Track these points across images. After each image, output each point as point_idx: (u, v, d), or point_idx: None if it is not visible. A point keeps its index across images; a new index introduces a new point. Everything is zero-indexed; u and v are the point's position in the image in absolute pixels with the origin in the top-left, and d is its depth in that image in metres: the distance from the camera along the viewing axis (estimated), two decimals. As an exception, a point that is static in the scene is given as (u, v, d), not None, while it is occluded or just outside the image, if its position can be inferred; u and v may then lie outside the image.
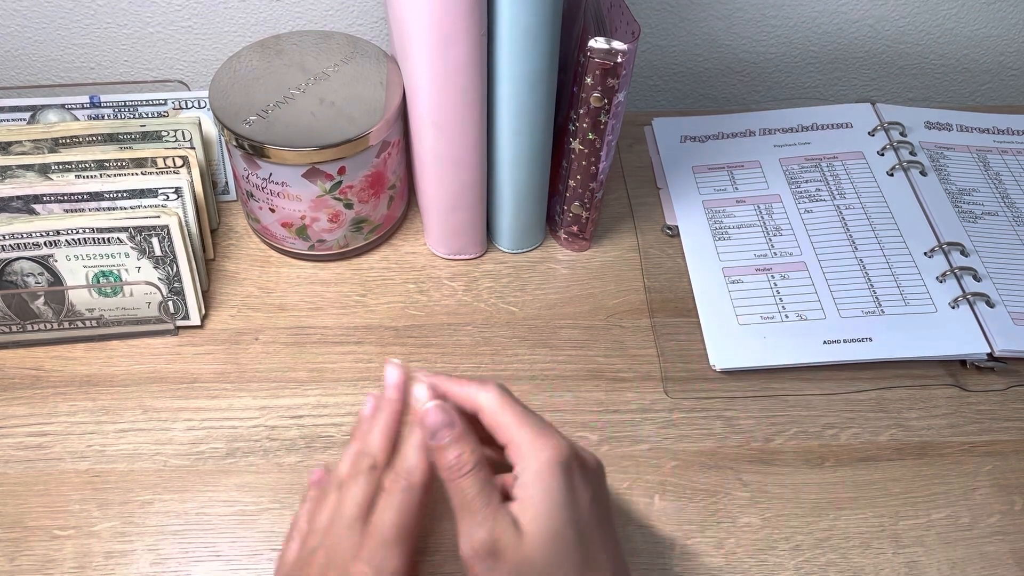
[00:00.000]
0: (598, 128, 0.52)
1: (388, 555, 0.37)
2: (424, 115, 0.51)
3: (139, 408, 0.51)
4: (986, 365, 0.55)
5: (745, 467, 0.50)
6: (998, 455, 0.51)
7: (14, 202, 0.53)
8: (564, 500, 0.36)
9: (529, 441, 0.37)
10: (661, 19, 0.72)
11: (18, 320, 0.53)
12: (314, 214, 0.55)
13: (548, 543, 0.35)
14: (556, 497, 0.36)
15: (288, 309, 0.57)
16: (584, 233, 0.60)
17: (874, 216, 0.62)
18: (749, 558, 0.47)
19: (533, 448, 0.37)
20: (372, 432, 0.41)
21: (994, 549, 0.47)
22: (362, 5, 0.68)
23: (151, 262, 0.53)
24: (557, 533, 0.35)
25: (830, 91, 0.80)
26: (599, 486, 0.39)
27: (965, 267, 0.58)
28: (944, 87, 0.80)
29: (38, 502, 0.47)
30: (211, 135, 0.59)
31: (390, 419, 0.41)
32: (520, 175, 0.55)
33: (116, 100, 0.60)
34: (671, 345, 0.56)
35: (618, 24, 0.50)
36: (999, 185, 0.65)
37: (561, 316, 0.57)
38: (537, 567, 0.35)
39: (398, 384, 0.42)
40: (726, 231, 0.62)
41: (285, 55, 0.57)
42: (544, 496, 0.36)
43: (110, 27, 0.68)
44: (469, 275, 0.59)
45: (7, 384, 0.52)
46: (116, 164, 0.55)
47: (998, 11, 0.74)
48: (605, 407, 0.53)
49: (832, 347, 0.55)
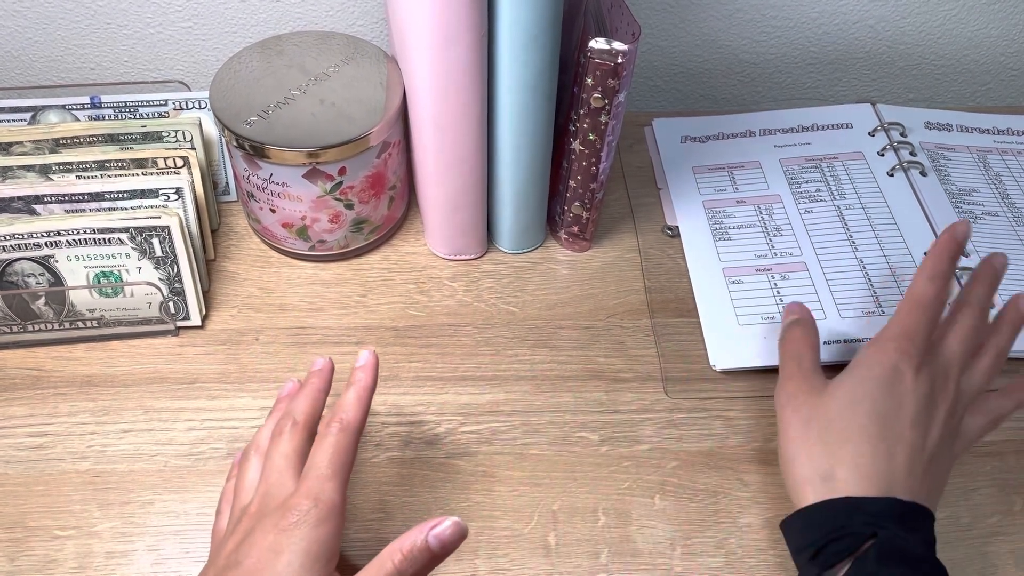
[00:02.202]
0: (598, 128, 0.52)
1: (325, 487, 0.37)
2: (424, 116, 0.51)
3: (140, 408, 0.51)
4: (986, 365, 0.55)
5: (745, 467, 0.50)
6: (998, 455, 0.51)
7: (15, 202, 0.53)
8: (877, 381, 0.43)
9: (891, 333, 0.44)
10: (661, 20, 0.72)
11: (19, 320, 0.53)
12: (314, 214, 0.55)
13: (842, 401, 0.43)
14: (871, 376, 0.43)
15: (288, 309, 0.57)
16: (584, 233, 0.60)
17: (874, 216, 0.62)
18: (750, 558, 0.47)
19: (886, 338, 0.44)
20: (296, 399, 0.43)
21: (994, 549, 0.47)
22: (362, 6, 0.68)
23: (152, 262, 0.53)
24: (856, 399, 0.43)
25: (830, 91, 0.80)
26: (938, 403, 0.43)
27: (965, 268, 0.58)
28: (944, 87, 0.80)
29: (39, 502, 0.47)
30: (212, 135, 0.60)
31: (314, 390, 0.43)
32: (520, 175, 0.55)
33: (117, 100, 0.60)
34: (671, 345, 0.56)
35: (618, 25, 0.50)
36: (999, 185, 0.65)
37: (561, 316, 0.57)
38: (822, 412, 0.43)
39: (324, 368, 0.44)
40: (726, 231, 0.62)
41: (286, 56, 0.57)
42: (861, 371, 0.44)
43: (111, 28, 0.68)
44: (469, 275, 0.59)
45: (8, 384, 0.52)
46: (117, 164, 0.55)
47: (998, 11, 0.74)
48: (605, 407, 0.53)
49: (832, 347, 0.55)
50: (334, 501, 0.37)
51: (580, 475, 0.50)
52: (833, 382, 0.45)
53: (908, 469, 0.41)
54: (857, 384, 0.43)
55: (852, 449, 0.42)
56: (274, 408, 0.46)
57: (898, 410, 0.42)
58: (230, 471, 0.45)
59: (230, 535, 0.38)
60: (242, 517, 0.39)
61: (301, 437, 0.41)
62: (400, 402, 0.52)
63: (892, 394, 0.42)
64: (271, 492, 0.39)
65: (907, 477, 0.41)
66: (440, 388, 0.53)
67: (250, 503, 0.39)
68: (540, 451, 0.51)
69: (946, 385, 0.44)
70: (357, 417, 0.40)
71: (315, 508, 0.36)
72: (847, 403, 0.43)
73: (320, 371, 0.44)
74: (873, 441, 0.42)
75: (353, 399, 0.41)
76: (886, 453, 0.41)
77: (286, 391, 0.46)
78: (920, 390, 0.43)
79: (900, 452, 0.41)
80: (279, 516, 0.36)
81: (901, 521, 0.39)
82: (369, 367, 0.42)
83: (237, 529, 0.38)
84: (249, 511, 0.39)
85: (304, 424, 0.41)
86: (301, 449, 0.40)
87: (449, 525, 0.35)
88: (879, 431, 0.42)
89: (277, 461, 0.40)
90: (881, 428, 0.42)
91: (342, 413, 0.40)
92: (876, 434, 0.42)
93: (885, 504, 0.40)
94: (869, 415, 0.42)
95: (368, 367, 0.42)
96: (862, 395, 0.43)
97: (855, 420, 0.42)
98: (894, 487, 0.41)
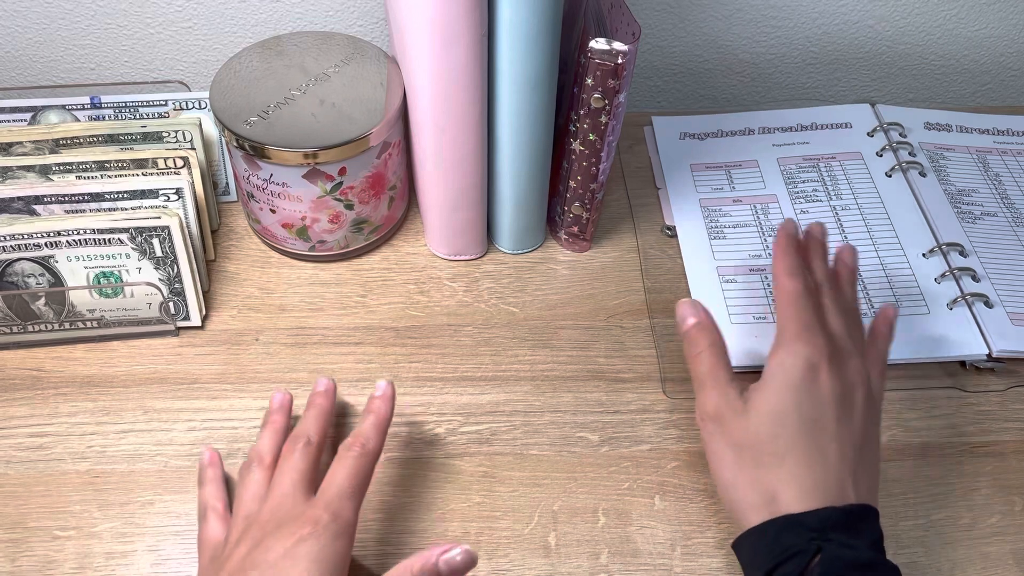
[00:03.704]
0: (599, 129, 0.52)
1: (344, 505, 0.39)
2: (425, 116, 0.51)
3: (140, 409, 0.51)
4: (985, 366, 0.55)
5: (745, 467, 0.50)
6: (998, 456, 0.51)
7: (15, 203, 0.53)
8: (796, 387, 0.42)
9: (792, 333, 0.43)
10: (661, 20, 0.72)
11: (19, 321, 0.53)
12: (315, 215, 0.55)
13: (767, 419, 0.41)
14: (789, 383, 0.42)
15: (288, 310, 0.57)
16: (584, 234, 0.60)
17: (870, 217, 0.62)
18: (749, 558, 0.47)
19: (789, 339, 0.43)
20: (307, 420, 0.45)
21: (994, 550, 0.47)
22: (363, 6, 0.68)
23: (152, 263, 0.53)
24: (780, 413, 0.41)
25: (830, 91, 0.80)
26: (854, 387, 0.43)
27: (964, 268, 0.58)
28: (944, 87, 0.80)
29: (39, 503, 0.47)
30: (212, 136, 0.60)
31: (323, 412, 0.46)
32: (521, 176, 0.55)
33: (117, 101, 0.60)
34: (671, 346, 0.56)
35: (618, 25, 0.50)
36: (998, 186, 0.65)
37: (561, 317, 0.57)
38: (751, 436, 0.42)
39: (328, 389, 0.48)
40: (722, 230, 0.62)
41: (286, 56, 0.57)
42: (778, 380, 0.42)
43: (111, 28, 0.68)
44: (469, 276, 0.59)
45: (8, 385, 0.52)
46: (117, 165, 0.55)
47: (998, 11, 0.74)
48: (605, 407, 0.53)
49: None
50: (350, 519, 0.39)
51: (580, 475, 0.50)
52: (754, 398, 0.43)
53: (843, 469, 0.41)
54: (778, 396, 0.42)
55: (789, 468, 0.41)
56: (268, 420, 0.47)
57: (822, 411, 0.42)
58: (201, 475, 0.47)
59: (239, 542, 0.39)
60: (250, 526, 0.40)
61: (315, 457, 0.43)
62: (400, 402, 0.52)
63: (813, 396, 0.42)
64: (284, 505, 0.40)
65: (846, 477, 0.41)
66: (440, 388, 0.53)
67: (258, 513, 0.40)
68: (540, 451, 0.51)
69: (854, 365, 0.44)
70: (377, 445, 0.43)
71: (333, 523, 0.38)
72: (774, 420, 0.42)
73: (325, 392, 0.48)
74: (807, 453, 0.41)
75: (373, 427, 0.43)
76: (821, 461, 0.41)
77: (277, 402, 0.48)
78: (835, 381, 0.42)
79: (833, 453, 0.41)
80: (297, 526, 0.38)
81: (844, 528, 0.39)
82: (387, 398, 0.45)
83: (245, 537, 0.39)
84: (259, 520, 0.39)
85: (318, 445, 0.44)
86: (314, 468, 0.43)
87: (459, 552, 0.37)
88: (809, 441, 0.41)
89: (291, 476, 0.41)
90: (810, 437, 0.41)
91: (363, 439, 0.42)
92: (807, 445, 0.41)
93: (825, 515, 0.39)
94: (797, 428, 0.41)
95: (386, 398, 0.45)
96: (786, 408, 0.42)
97: (785, 437, 0.41)
98: (833, 492, 0.40)
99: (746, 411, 0.42)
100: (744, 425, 0.42)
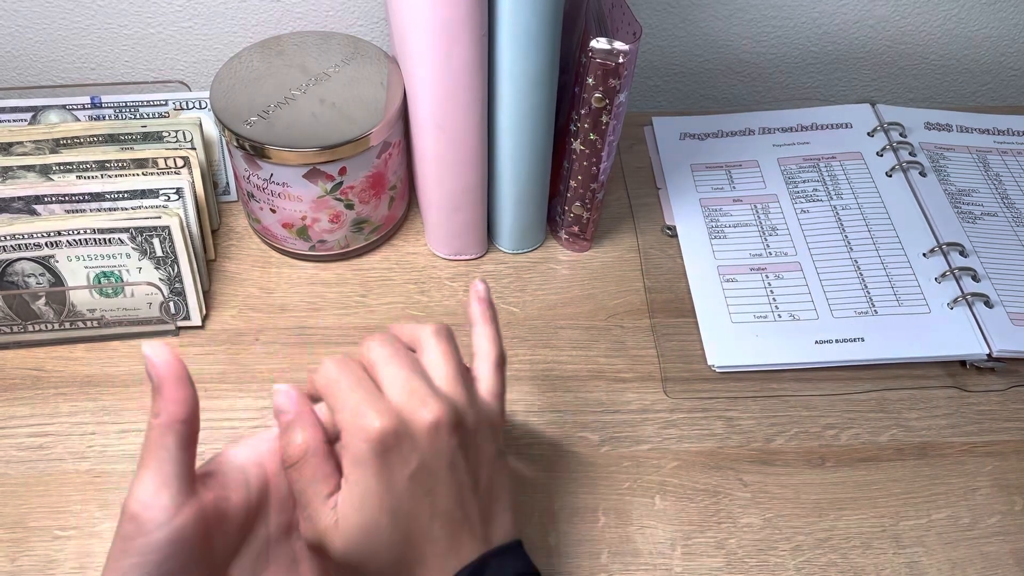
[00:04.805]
0: (599, 128, 0.52)
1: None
2: (425, 116, 0.51)
3: (140, 408, 0.51)
4: (986, 366, 0.55)
5: (746, 467, 0.50)
6: (998, 455, 0.51)
7: (15, 203, 0.53)
8: (377, 487, 0.34)
9: (349, 422, 0.35)
10: (662, 19, 0.72)
11: (19, 320, 0.53)
12: (315, 215, 0.55)
13: (363, 536, 0.34)
14: (369, 486, 0.34)
15: (289, 310, 0.57)
16: (585, 234, 0.60)
17: (871, 217, 0.62)
18: (750, 558, 0.47)
19: (351, 432, 0.35)
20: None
21: (994, 549, 0.47)
22: (363, 6, 0.68)
23: (152, 263, 0.53)
24: (371, 524, 0.34)
25: (830, 91, 0.80)
26: (428, 451, 0.35)
27: (964, 267, 0.59)
28: (944, 87, 0.80)
29: (39, 502, 0.47)
30: (212, 136, 0.60)
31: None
32: (521, 176, 0.55)
33: (117, 101, 0.60)
34: (671, 345, 0.56)
35: (619, 24, 0.50)
36: (999, 186, 0.65)
37: (562, 316, 0.57)
38: (355, 557, 0.34)
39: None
40: (722, 230, 0.62)
41: (286, 56, 0.57)
42: (357, 487, 0.34)
43: (111, 28, 0.68)
44: (470, 275, 0.59)
45: (8, 385, 0.52)
46: (117, 165, 0.55)
47: (998, 11, 0.74)
48: (606, 407, 0.53)
49: (824, 347, 0.55)
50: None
51: (580, 475, 0.50)
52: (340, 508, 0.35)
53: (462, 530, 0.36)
54: (358, 511, 0.34)
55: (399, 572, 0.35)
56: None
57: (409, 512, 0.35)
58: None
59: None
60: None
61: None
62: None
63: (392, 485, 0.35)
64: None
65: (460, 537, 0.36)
66: (440, 388, 0.53)
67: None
68: (540, 451, 0.51)
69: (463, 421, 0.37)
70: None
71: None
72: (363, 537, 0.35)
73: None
74: (408, 563, 0.35)
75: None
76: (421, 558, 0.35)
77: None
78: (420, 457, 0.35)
79: (438, 528, 0.35)
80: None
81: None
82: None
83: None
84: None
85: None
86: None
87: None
88: (400, 555, 0.35)
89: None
90: (401, 551, 0.35)
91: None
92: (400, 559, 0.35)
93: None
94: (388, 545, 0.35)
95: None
96: (369, 519, 0.34)
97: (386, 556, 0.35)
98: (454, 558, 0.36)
99: (340, 530, 0.34)
100: (344, 550, 0.34)
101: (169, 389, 0.33)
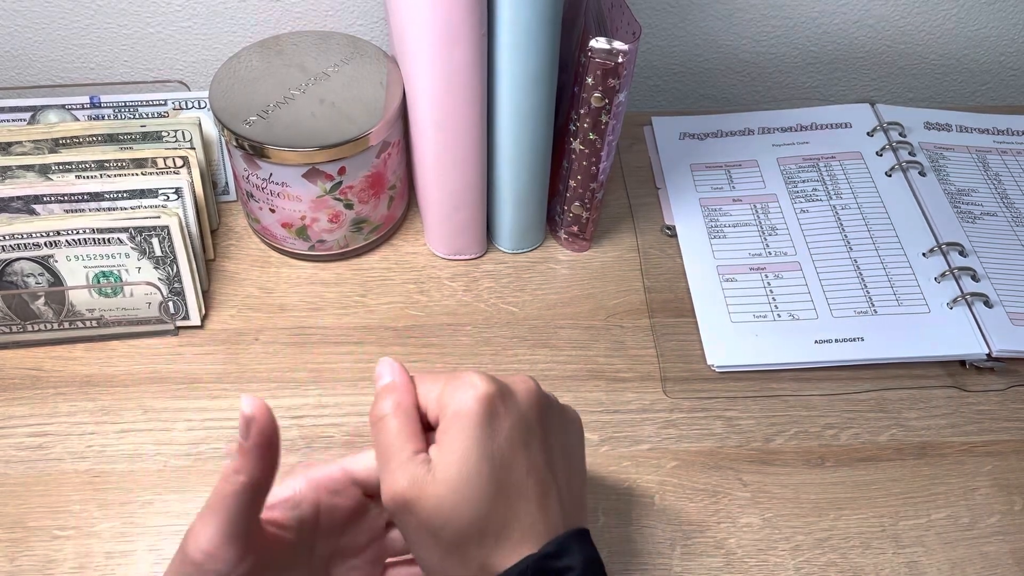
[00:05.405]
0: (599, 128, 0.52)
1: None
2: (424, 115, 0.51)
3: (139, 408, 0.51)
4: (985, 365, 0.55)
5: (745, 467, 0.50)
6: (998, 455, 0.51)
7: (14, 202, 0.53)
8: (479, 436, 0.35)
9: (453, 388, 0.36)
10: (662, 19, 0.72)
11: (18, 320, 0.53)
12: (314, 214, 0.55)
13: (461, 483, 0.34)
14: (471, 434, 0.35)
15: (288, 309, 0.57)
16: (584, 233, 0.60)
17: (870, 217, 0.62)
18: (749, 558, 0.47)
19: (451, 391, 0.36)
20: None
21: (994, 549, 0.47)
22: (362, 5, 0.68)
23: (151, 262, 0.53)
24: (471, 474, 0.35)
25: (830, 91, 0.80)
26: (527, 408, 0.37)
27: (964, 267, 0.58)
28: (944, 87, 0.80)
29: (39, 502, 0.47)
30: (211, 135, 0.59)
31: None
32: (520, 175, 0.55)
33: (116, 100, 0.60)
34: (671, 345, 0.56)
35: (619, 24, 0.50)
36: (998, 185, 0.65)
37: (561, 316, 0.57)
38: (446, 511, 0.34)
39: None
40: (722, 230, 0.62)
41: (285, 55, 0.57)
42: (458, 436, 0.35)
43: (110, 27, 0.68)
44: (469, 275, 0.59)
45: (7, 384, 0.52)
46: (116, 164, 0.55)
47: (998, 11, 0.74)
48: (605, 407, 0.53)
49: (823, 347, 0.55)
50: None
51: (580, 475, 0.50)
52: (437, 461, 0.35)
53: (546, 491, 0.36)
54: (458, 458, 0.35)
55: (493, 531, 0.35)
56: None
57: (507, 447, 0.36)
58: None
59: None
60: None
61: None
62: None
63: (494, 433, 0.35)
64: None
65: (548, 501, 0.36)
66: (440, 388, 0.53)
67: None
68: (540, 451, 0.50)
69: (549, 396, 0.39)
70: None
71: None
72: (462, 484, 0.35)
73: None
74: (496, 520, 0.35)
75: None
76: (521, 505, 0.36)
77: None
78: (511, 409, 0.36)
79: (531, 490, 0.36)
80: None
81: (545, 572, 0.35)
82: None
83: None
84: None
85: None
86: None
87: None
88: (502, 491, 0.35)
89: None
90: (504, 486, 0.35)
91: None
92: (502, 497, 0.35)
93: (521, 568, 0.35)
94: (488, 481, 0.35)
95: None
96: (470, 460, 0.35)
97: (477, 510, 0.35)
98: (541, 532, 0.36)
99: (434, 481, 0.35)
100: (436, 503, 0.35)
101: (262, 452, 0.34)
